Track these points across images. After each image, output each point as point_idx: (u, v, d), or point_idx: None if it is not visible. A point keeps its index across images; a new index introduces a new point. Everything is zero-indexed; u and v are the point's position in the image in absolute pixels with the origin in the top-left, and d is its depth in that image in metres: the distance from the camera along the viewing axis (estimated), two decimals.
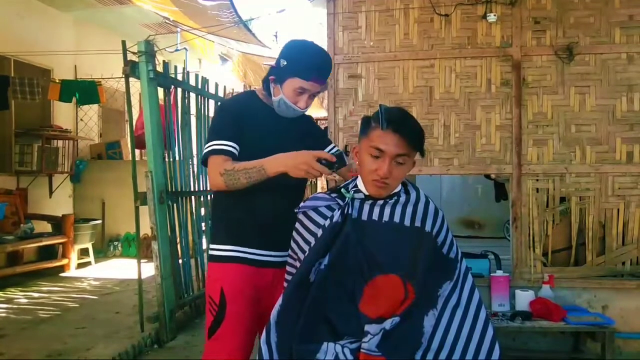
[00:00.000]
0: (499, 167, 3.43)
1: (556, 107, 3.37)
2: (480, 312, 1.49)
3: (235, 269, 1.77)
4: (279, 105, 1.80)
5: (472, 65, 3.43)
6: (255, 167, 1.64)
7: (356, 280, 1.44)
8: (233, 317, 1.74)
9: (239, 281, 1.76)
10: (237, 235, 1.79)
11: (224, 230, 1.81)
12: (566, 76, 3.36)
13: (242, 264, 1.77)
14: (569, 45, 3.32)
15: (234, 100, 1.89)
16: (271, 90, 1.82)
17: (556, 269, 3.36)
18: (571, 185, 3.35)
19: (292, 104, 1.78)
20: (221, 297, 1.74)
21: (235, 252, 1.78)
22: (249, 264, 1.77)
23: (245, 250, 1.78)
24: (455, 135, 3.44)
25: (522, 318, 3.08)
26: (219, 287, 1.75)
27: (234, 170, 1.65)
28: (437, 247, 1.50)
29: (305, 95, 1.78)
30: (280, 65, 1.77)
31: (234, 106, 1.82)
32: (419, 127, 1.51)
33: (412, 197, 1.55)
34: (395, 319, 1.38)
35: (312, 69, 1.74)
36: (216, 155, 1.69)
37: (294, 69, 1.74)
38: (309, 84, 1.75)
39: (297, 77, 1.74)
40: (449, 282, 1.49)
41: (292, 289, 1.48)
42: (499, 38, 3.41)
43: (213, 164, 1.69)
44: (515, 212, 3.40)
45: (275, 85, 1.79)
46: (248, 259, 1.77)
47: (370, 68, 3.51)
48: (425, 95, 3.47)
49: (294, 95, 1.77)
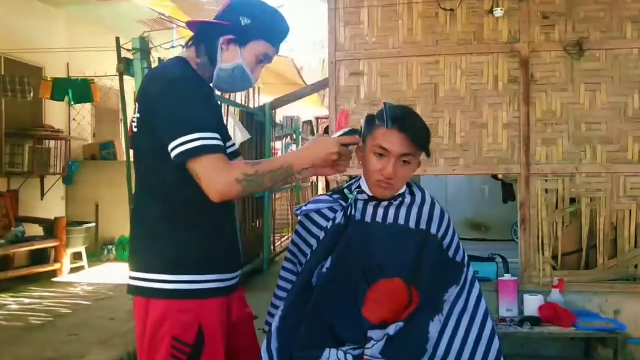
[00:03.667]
0: (506, 166, 3.42)
1: (565, 105, 3.36)
2: (487, 321, 1.49)
3: (213, 303, 1.46)
4: (231, 74, 1.49)
5: (478, 61, 3.43)
6: (283, 167, 1.42)
7: (359, 284, 1.44)
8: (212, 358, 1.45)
9: (215, 314, 1.46)
10: (209, 259, 1.46)
11: (194, 255, 1.44)
12: (576, 72, 3.35)
13: (218, 295, 1.47)
14: (579, 41, 3.32)
15: (186, 70, 1.47)
16: (218, 55, 1.48)
17: (566, 272, 3.36)
18: (581, 185, 3.35)
19: (249, 73, 1.51)
20: (197, 337, 1.42)
21: (211, 283, 1.45)
22: (224, 293, 1.49)
23: (219, 277, 1.47)
24: (461, 134, 3.44)
25: (531, 323, 3.08)
26: (194, 327, 1.42)
27: (256, 175, 1.37)
28: (442, 250, 1.50)
29: (262, 66, 1.54)
30: (241, 23, 1.46)
31: (196, 80, 1.46)
32: (424, 125, 1.51)
33: (417, 198, 1.55)
34: (399, 324, 1.38)
35: (283, 33, 1.53)
36: (212, 154, 1.34)
37: (261, 30, 1.48)
38: (273, 51, 1.52)
39: (263, 40, 1.49)
40: (455, 287, 1.49)
41: (294, 294, 1.47)
42: (506, 33, 3.41)
43: (215, 168, 1.34)
44: (524, 213, 3.39)
45: (234, 47, 1.48)
46: (222, 288, 1.48)
47: (372, 65, 3.50)
48: (430, 93, 3.46)
49: (253, 63, 1.50)
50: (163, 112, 1.38)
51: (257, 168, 1.38)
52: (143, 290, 1.45)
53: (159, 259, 1.44)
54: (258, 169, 1.38)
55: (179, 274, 1.43)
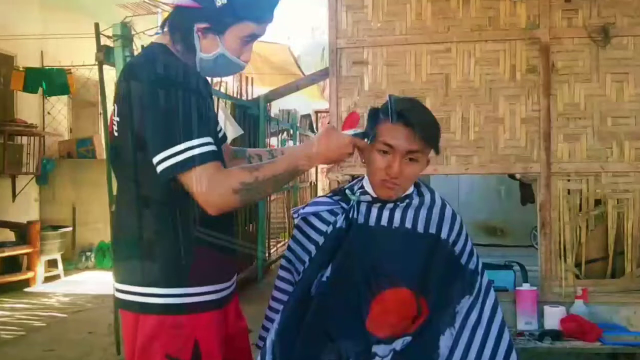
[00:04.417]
0: (524, 165, 3.42)
1: (590, 97, 3.36)
2: (504, 335, 1.49)
3: (209, 317, 1.46)
4: (215, 64, 1.45)
5: (493, 49, 3.43)
6: (287, 170, 1.39)
7: (362, 294, 1.44)
8: None
9: (212, 329, 1.46)
10: (204, 269, 1.45)
11: (187, 265, 1.43)
12: (601, 62, 3.35)
13: (215, 308, 1.47)
14: (605, 27, 3.32)
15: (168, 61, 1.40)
16: (197, 43, 1.43)
17: (591, 281, 3.36)
18: (607, 186, 3.35)
19: (236, 59, 1.46)
20: (194, 354, 1.41)
21: (206, 295, 1.45)
22: (220, 305, 1.50)
23: (214, 288, 1.47)
24: (475, 129, 3.44)
25: (552, 338, 3.08)
26: (190, 343, 1.41)
27: (257, 182, 1.35)
28: (454, 256, 1.51)
29: (252, 43, 1.48)
30: (216, 5, 1.38)
31: (181, 71, 1.39)
32: (433, 120, 1.51)
33: (426, 199, 1.55)
34: (407, 339, 1.39)
35: (268, 5, 1.45)
36: (203, 164, 1.32)
37: (241, 9, 1.40)
38: (261, 28, 1.46)
39: (246, 21, 1.42)
40: (469, 297, 1.49)
41: (291, 306, 1.47)
42: (524, 18, 3.41)
43: (209, 179, 1.31)
44: (544, 216, 3.40)
45: (212, 36, 1.42)
46: (218, 300, 1.49)
47: (377, 53, 3.51)
48: (441, 84, 3.46)
49: (239, 47, 1.45)
50: (145, 119, 1.34)
51: (258, 174, 1.35)
52: (131, 305, 1.44)
53: (148, 271, 1.42)
54: (258, 176, 1.35)
55: (171, 287, 1.41)
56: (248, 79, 6.43)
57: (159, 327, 1.40)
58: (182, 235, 1.42)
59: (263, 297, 2.72)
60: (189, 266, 1.43)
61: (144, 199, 1.44)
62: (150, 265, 1.42)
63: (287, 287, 1.62)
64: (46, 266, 6.02)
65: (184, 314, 1.42)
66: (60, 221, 6.61)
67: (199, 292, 1.44)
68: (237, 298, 1.63)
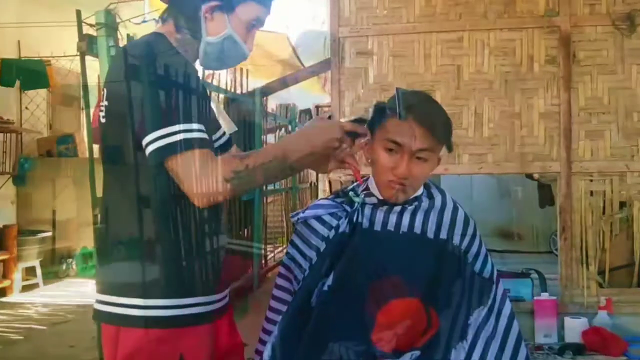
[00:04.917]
0: (543, 164, 3.42)
1: (614, 90, 3.37)
2: (521, 349, 1.49)
3: (197, 331, 1.45)
4: (221, 47, 1.51)
5: (509, 38, 3.43)
6: (277, 158, 1.40)
7: (367, 305, 1.44)
8: None
9: (200, 344, 1.46)
10: (191, 279, 1.45)
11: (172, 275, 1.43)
12: (626, 52, 3.35)
13: (203, 322, 1.47)
14: (630, 14, 3.32)
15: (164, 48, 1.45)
16: (203, 27, 1.49)
17: (615, 290, 3.36)
18: (633, 186, 3.35)
19: (242, 44, 1.52)
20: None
21: (193, 308, 1.45)
22: (209, 319, 1.49)
23: (203, 300, 1.47)
24: (490, 125, 3.44)
25: (573, 352, 3.08)
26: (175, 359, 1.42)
27: (248, 170, 1.36)
28: (467, 264, 1.51)
29: (255, 30, 1.55)
30: None
31: (177, 60, 1.43)
32: (445, 115, 1.51)
33: (436, 202, 1.55)
34: (416, 353, 1.39)
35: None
36: (195, 149, 1.34)
37: None
38: (265, 12, 1.54)
39: (252, 1, 1.49)
40: (482, 308, 1.49)
41: (290, 317, 1.47)
42: (543, 5, 3.41)
43: (200, 166, 1.34)
44: (564, 220, 3.40)
45: (220, 15, 1.48)
46: (207, 313, 1.48)
47: (383, 43, 3.51)
48: (452, 77, 3.47)
49: (244, 31, 1.51)
50: (136, 98, 1.37)
51: (248, 162, 1.37)
52: (111, 317, 1.44)
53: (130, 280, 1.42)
54: (248, 163, 1.37)
55: (155, 298, 1.41)
56: (243, 70, 6.42)
57: (142, 342, 1.40)
58: (168, 240, 1.43)
59: (259, 307, 2.72)
60: (175, 276, 1.43)
61: (130, 198, 1.44)
62: (133, 274, 1.42)
63: (285, 296, 1.62)
64: (24, 274, 6.02)
65: (168, 327, 1.42)
66: (39, 225, 6.61)
67: (185, 304, 1.44)
68: (232, 310, 1.63)
